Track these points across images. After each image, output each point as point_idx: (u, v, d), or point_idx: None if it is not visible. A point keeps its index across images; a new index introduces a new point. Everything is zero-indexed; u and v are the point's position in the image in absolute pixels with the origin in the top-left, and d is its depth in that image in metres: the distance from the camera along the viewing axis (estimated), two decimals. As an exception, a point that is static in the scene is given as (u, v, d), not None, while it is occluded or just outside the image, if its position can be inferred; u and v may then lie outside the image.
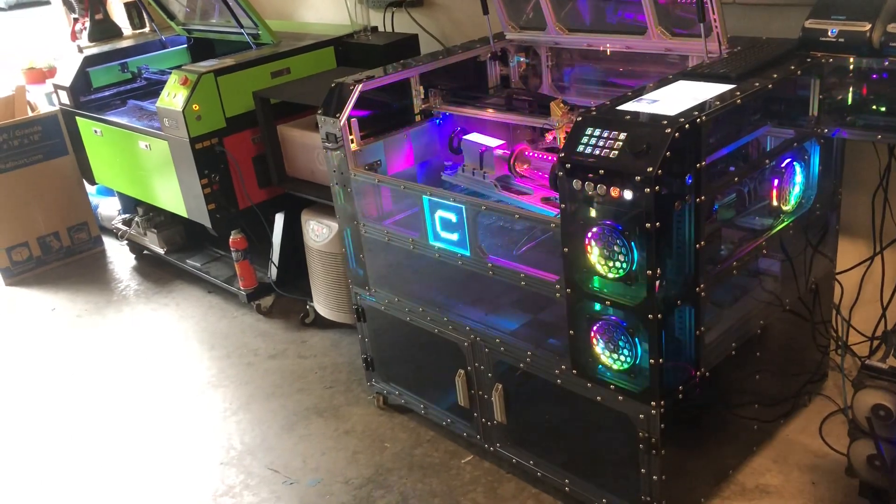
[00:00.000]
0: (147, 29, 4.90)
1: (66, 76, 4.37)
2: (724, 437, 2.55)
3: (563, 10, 2.93)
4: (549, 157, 2.67)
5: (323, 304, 3.67)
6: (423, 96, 3.00)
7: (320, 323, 3.81)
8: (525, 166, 2.75)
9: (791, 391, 2.78)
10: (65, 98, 4.40)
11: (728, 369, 2.38)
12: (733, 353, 2.38)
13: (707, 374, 2.27)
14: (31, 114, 4.82)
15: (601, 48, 2.88)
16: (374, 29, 4.03)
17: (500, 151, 2.80)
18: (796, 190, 2.47)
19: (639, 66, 2.86)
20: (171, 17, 4.53)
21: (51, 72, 5.78)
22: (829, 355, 2.92)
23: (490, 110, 2.90)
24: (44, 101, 5.24)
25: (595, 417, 2.33)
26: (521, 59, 3.16)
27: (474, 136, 2.93)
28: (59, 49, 5.76)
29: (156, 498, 2.92)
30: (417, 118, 3.01)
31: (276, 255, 3.90)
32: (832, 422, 2.75)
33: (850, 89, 2.39)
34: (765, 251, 2.41)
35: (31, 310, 4.43)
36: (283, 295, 3.98)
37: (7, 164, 4.59)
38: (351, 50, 3.89)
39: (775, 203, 2.42)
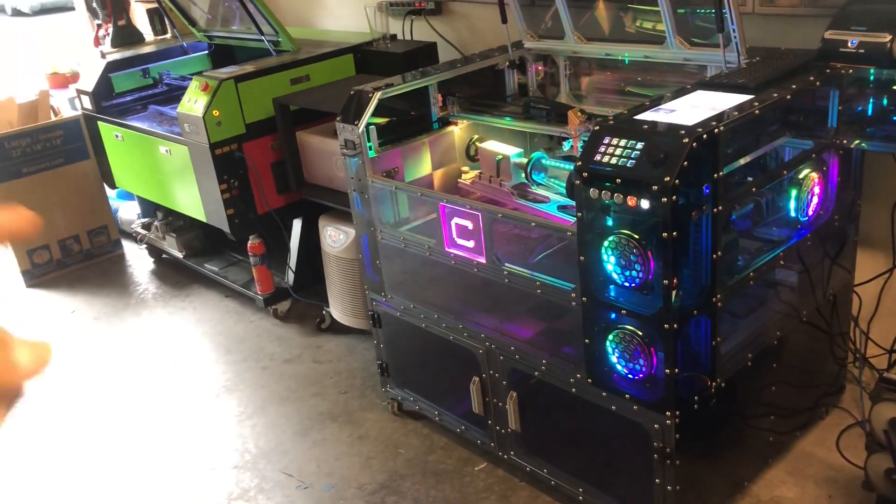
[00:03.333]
0: (169, 35, 4.95)
1: (88, 81, 4.43)
2: (739, 448, 2.53)
3: (582, 19, 2.94)
4: (566, 166, 2.67)
5: (339, 309, 3.68)
6: (441, 104, 3.01)
7: (336, 328, 3.83)
8: (542, 174, 2.76)
9: (808, 403, 2.76)
10: (87, 103, 4.45)
11: (744, 380, 2.37)
12: (749, 363, 2.37)
13: (723, 384, 2.26)
14: (53, 118, 4.89)
15: (619, 57, 2.88)
16: (394, 37, 4.06)
17: (517, 159, 2.81)
18: (814, 201, 2.46)
19: (657, 76, 2.86)
20: (193, 23, 4.58)
21: (74, 77, 5.86)
22: (847, 367, 2.90)
23: (508, 118, 2.91)
24: (67, 105, 5.31)
25: (609, 427, 2.32)
26: (539, 68, 3.17)
27: (491, 144, 2.95)
28: (82, 54, 5.83)
29: (171, 501, 2.94)
30: (435, 125, 3.03)
31: (293, 261, 3.93)
32: (849, 435, 2.73)
33: (871, 100, 2.38)
34: (782, 262, 2.40)
35: (51, 312, 4.48)
36: (300, 300, 4.00)
37: (30, 168, 4.65)
38: (370, 57, 3.92)
39: (793, 214, 2.41)
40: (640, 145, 1.96)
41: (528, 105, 2.92)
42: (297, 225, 3.88)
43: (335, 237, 3.50)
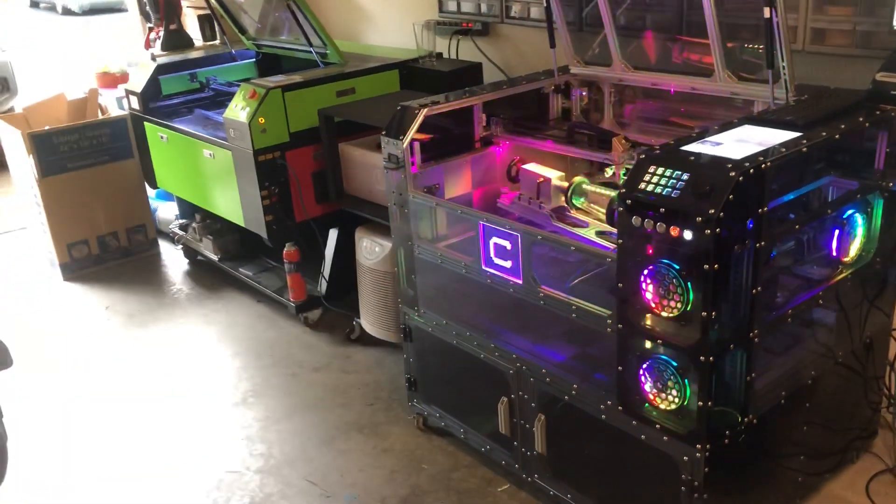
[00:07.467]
0: (218, 41, 5.05)
1: (138, 82, 4.52)
2: (767, 485, 2.51)
3: (629, 47, 2.96)
4: (606, 192, 2.68)
5: (369, 321, 3.71)
6: (484, 124, 3.04)
7: (365, 339, 3.85)
8: (582, 199, 2.77)
9: (839, 446, 2.73)
10: (135, 103, 4.55)
11: (776, 418, 2.35)
12: (782, 401, 2.35)
13: (755, 420, 2.24)
14: (101, 116, 4.99)
15: (665, 87, 2.89)
16: (439, 55, 4.10)
17: (557, 183, 2.82)
18: (856, 242, 2.44)
19: (702, 108, 2.86)
20: (243, 31, 4.66)
21: (123, 77, 5.99)
22: (881, 413, 2.86)
23: (550, 142, 2.93)
24: (114, 104, 5.41)
25: (638, 456, 2.31)
26: (584, 93, 3.19)
27: (532, 167, 2.96)
28: (132, 55, 5.97)
29: (193, 503, 2.97)
30: (478, 145, 3.05)
31: (327, 270, 3.96)
32: (880, 481, 2.69)
33: (920, 144, 2.37)
34: (821, 301, 2.38)
35: (86, 307, 4.56)
36: (331, 309, 4.03)
37: (76, 164, 4.75)
38: (415, 74, 3.96)
39: (834, 254, 2.40)
40: (685, 176, 1.97)
41: (572, 129, 2.94)
42: (333, 235, 3.92)
43: (370, 249, 3.53)
